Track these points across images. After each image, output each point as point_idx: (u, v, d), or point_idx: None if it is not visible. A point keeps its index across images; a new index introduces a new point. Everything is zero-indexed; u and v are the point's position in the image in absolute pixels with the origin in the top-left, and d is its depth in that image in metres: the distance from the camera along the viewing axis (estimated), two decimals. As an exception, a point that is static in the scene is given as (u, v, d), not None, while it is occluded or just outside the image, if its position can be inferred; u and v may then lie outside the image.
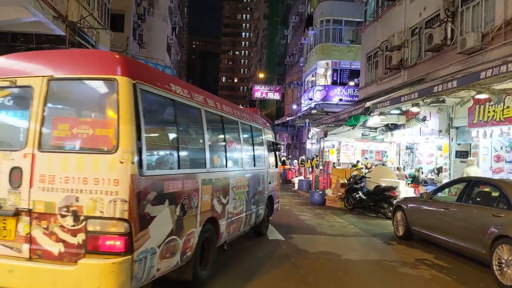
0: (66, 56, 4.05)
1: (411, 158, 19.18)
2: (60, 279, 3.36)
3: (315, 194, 13.11)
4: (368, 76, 19.47)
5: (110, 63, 3.69)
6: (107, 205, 3.38)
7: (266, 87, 35.61)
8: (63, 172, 3.49)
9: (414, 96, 10.84)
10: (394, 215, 8.72)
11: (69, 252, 3.42)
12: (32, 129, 3.63)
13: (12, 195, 3.59)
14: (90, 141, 3.55)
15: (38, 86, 3.69)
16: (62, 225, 3.45)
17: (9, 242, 3.56)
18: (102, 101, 3.78)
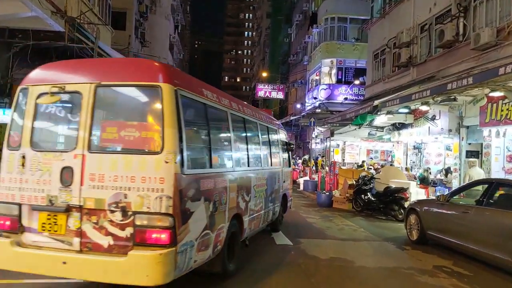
0: (112, 64, 4.45)
1: (419, 158, 18.75)
2: (111, 269, 3.67)
3: (322, 196, 12.69)
4: (374, 74, 19.03)
5: (154, 71, 4.00)
6: (154, 201, 3.69)
7: (270, 86, 35.19)
8: (112, 171, 3.80)
9: (426, 93, 10.41)
10: (407, 219, 8.29)
11: (118, 245, 3.72)
12: (82, 132, 3.93)
13: (64, 192, 3.89)
14: (137, 143, 3.86)
15: (86, 92, 4.00)
16: (111, 220, 3.75)
17: (60, 236, 3.87)
18: (147, 106, 4.10)
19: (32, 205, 4.00)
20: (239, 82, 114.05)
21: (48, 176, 3.97)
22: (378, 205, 11.05)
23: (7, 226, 4.07)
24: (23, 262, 3.93)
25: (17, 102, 4.33)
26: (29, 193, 4.01)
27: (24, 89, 4.29)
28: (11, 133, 4.27)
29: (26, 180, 4.04)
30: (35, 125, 4.20)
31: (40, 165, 4.02)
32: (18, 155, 4.11)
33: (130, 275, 3.62)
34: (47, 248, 3.91)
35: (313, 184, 16.41)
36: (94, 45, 11.36)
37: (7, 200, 4.08)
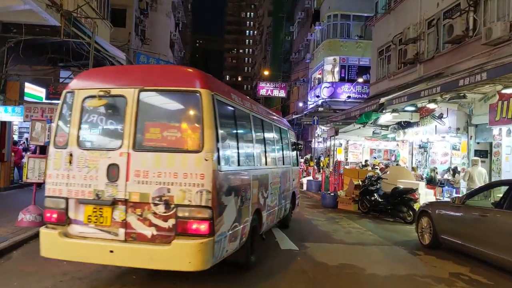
0: (153, 71, 4.93)
1: (425, 157, 18.31)
2: (156, 256, 4.05)
3: (326, 196, 12.27)
4: (379, 71, 18.59)
5: (193, 77, 4.41)
6: (195, 195, 4.05)
7: (271, 84, 34.74)
8: (155, 168, 4.14)
9: (436, 90, 9.98)
10: (418, 221, 7.87)
11: (161, 235, 4.08)
12: (127, 132, 4.28)
13: (110, 187, 4.22)
14: (179, 142, 4.23)
15: (131, 95, 4.34)
16: (155, 212, 4.10)
17: (106, 227, 4.21)
18: (187, 109, 4.44)
19: (79, 199, 4.34)
20: (241, 81, 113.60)
21: (95, 173, 4.31)
22: (386, 206, 10.63)
23: (54, 219, 4.41)
24: (72, 251, 4.31)
25: (62, 105, 4.66)
26: (76, 188, 4.36)
27: (70, 92, 4.63)
28: (57, 133, 4.62)
29: (73, 176, 4.38)
30: (81, 126, 4.52)
31: (87, 162, 4.36)
32: (65, 154, 4.44)
33: (174, 261, 4.04)
34: (93, 238, 4.26)
35: (317, 184, 15.99)
36: (91, 40, 10.94)
37: (55, 194, 4.43)
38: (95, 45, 11.09)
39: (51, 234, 4.35)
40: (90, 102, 4.46)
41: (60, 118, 4.64)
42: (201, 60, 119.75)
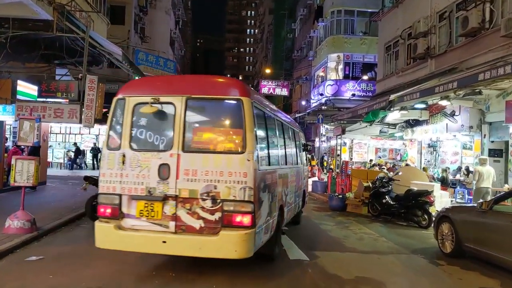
0: (199, 81, 5.35)
1: (434, 157, 17.68)
2: (205, 246, 4.53)
3: (334, 199, 11.64)
4: (386, 68, 17.94)
5: (235, 86, 4.98)
6: (239, 191, 4.56)
7: (274, 82, 34.09)
8: (203, 167, 4.64)
9: (453, 86, 9.36)
10: (438, 227, 7.24)
11: (208, 227, 4.56)
12: (177, 135, 4.77)
13: (161, 184, 4.69)
14: (223, 144, 4.84)
15: (179, 103, 4.83)
16: (202, 206, 4.58)
17: (157, 221, 4.68)
18: (231, 115, 4.97)
19: (132, 195, 4.80)
20: (242, 80, 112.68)
21: (147, 172, 4.78)
22: (399, 210, 9.99)
23: (108, 213, 4.87)
24: (127, 242, 4.80)
25: (114, 110, 5.12)
26: (129, 186, 4.82)
27: (121, 99, 5.09)
28: (110, 136, 5.09)
29: (127, 175, 4.84)
30: (133, 130, 4.99)
31: (139, 162, 4.82)
32: (119, 155, 4.89)
33: (221, 250, 4.54)
34: (145, 230, 4.74)
35: (322, 185, 15.36)
36: (85, 35, 10.33)
37: (109, 191, 4.89)
38: (90, 40, 10.49)
39: (107, 227, 4.83)
40: (141, 108, 4.96)
41: (112, 123, 5.14)
42: (202, 59, 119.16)
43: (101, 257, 5.97)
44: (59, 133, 24.61)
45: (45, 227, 7.56)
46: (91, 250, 6.47)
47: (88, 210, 8.54)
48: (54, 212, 9.04)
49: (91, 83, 9.86)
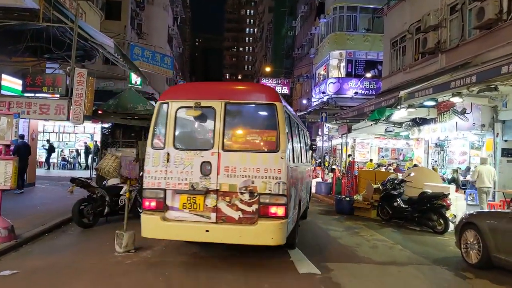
0: (236, 87, 6.02)
1: (442, 156, 16.99)
2: (244, 234, 5.21)
3: (342, 202, 10.89)
4: (392, 64, 17.23)
5: (270, 93, 5.73)
6: (274, 185, 5.22)
7: (274, 80, 33.38)
8: (241, 164, 5.30)
9: (471, 80, 8.65)
10: (461, 235, 6.52)
11: (246, 217, 5.23)
12: (217, 136, 5.39)
13: (203, 180, 5.32)
14: (259, 144, 5.54)
15: (218, 107, 5.45)
16: (241, 199, 5.26)
17: (199, 212, 5.31)
18: (265, 118, 5.66)
19: (176, 190, 5.33)
20: (241, 79, 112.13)
21: (190, 168, 5.32)
22: (412, 213, 9.27)
23: (153, 206, 5.38)
24: (172, 232, 5.36)
25: (158, 113, 5.65)
26: (173, 181, 5.35)
27: (164, 103, 5.63)
28: (154, 136, 5.58)
29: (171, 172, 5.37)
30: (176, 131, 5.52)
31: (183, 160, 5.36)
32: (163, 153, 5.42)
33: (259, 238, 5.12)
34: (188, 221, 5.28)
35: (327, 186, 14.64)
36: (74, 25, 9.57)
37: (154, 186, 5.40)
38: (79, 31, 9.73)
39: (153, 219, 5.35)
40: (189, 112, 5.50)
41: (156, 124, 5.66)
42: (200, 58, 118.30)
43: (86, 270, 5.25)
44: (52, 132, 23.87)
45: (26, 234, 6.81)
46: (74, 261, 5.76)
47: (75, 215, 7.81)
48: (38, 216, 8.29)
49: (80, 76, 9.12)
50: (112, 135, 10.57)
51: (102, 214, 8.36)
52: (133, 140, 10.40)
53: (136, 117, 10.35)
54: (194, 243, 6.66)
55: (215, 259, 6.05)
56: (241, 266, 5.65)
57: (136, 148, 10.28)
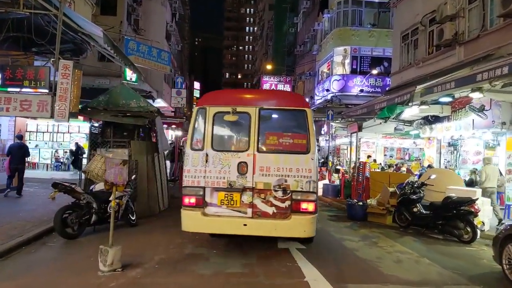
0: (269, 94, 7.82)
1: (455, 157, 16.06)
2: (279, 227, 5.82)
3: (355, 207, 9.94)
4: (403, 59, 16.29)
5: (300, 100, 6.67)
6: (305, 184, 5.84)
7: (276, 78, 32.40)
8: (275, 165, 5.93)
9: (502, 72, 7.72)
10: (502, 249, 5.60)
11: (280, 212, 5.84)
12: (252, 139, 6.03)
13: (240, 179, 5.94)
14: (291, 146, 6.04)
15: (253, 113, 6.10)
16: (275, 196, 5.86)
17: (236, 208, 5.92)
18: (296, 122, 6.18)
19: (215, 188, 5.99)
20: (240, 78, 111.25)
21: (227, 168, 5.99)
22: (435, 220, 8.34)
23: (193, 203, 6.02)
24: (212, 226, 6.03)
25: (196, 117, 6.29)
26: (212, 180, 6.00)
27: (202, 108, 6.29)
28: (194, 139, 6.21)
29: (210, 171, 6.02)
30: (213, 134, 6.18)
31: (220, 161, 6.02)
32: (202, 154, 6.07)
33: (293, 231, 5.90)
34: (226, 216, 5.93)
35: (334, 189, 13.71)
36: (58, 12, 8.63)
37: (193, 185, 6.04)
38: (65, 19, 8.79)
39: (194, 214, 5.90)
40: (228, 117, 6.07)
41: (194, 128, 6.19)
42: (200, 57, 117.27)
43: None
44: (46, 132, 22.94)
45: None
46: (49, 282, 4.85)
47: (57, 224, 6.89)
48: (17, 225, 7.38)
49: (65, 69, 8.17)
50: (102, 134, 9.64)
51: (88, 223, 7.44)
52: (126, 140, 9.48)
53: (129, 114, 9.43)
54: (193, 258, 6.10)
55: (218, 278, 5.13)
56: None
57: (129, 148, 9.37)
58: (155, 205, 9.88)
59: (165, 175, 11.48)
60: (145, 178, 9.49)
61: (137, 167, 9.25)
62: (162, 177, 10.73)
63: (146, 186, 9.51)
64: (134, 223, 8.34)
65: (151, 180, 9.87)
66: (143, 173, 9.40)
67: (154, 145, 10.26)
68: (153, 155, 10.08)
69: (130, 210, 8.30)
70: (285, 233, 5.95)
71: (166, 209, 10.58)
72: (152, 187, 9.86)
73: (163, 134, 11.43)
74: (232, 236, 6.45)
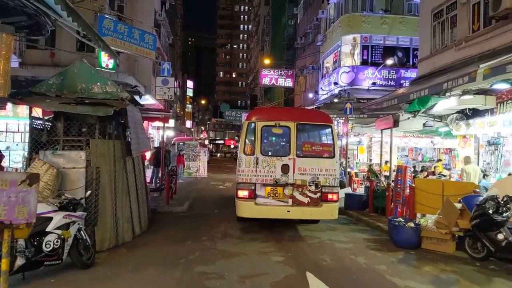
0: (303, 112, 11.56)
1: (496, 158, 13.47)
2: (314, 212, 7.99)
3: (405, 230, 7.17)
4: (436, 41, 13.62)
5: (326, 117, 8.71)
6: (331, 180, 7.99)
7: (276, 72, 29.59)
8: (310, 166, 8.00)
9: None
10: None
11: (312, 201, 7.94)
12: (292, 146, 8.06)
13: (283, 177, 7.93)
14: (321, 152, 8.20)
15: (292, 126, 8.11)
16: (309, 189, 7.93)
17: (279, 198, 7.93)
18: (324, 134, 8.54)
19: (264, 183, 7.97)
20: (235, 77, 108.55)
21: (273, 169, 7.98)
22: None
23: (246, 195, 7.96)
24: (262, 212, 7.99)
25: (247, 129, 8.25)
26: (261, 178, 7.97)
27: (252, 122, 8.24)
28: (246, 145, 8.17)
29: (260, 171, 7.98)
30: (262, 142, 8.20)
31: (268, 163, 8.00)
32: (253, 158, 8.02)
33: (324, 215, 8.10)
34: (272, 205, 7.94)
35: (359, 200, 10.95)
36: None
37: (247, 181, 7.99)
38: None
39: (248, 203, 7.95)
40: (275, 130, 8.26)
41: (246, 137, 8.24)
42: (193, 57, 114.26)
43: None
44: (17, 132, 20.01)
45: None
46: None
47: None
48: None
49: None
50: (51, 131, 6.81)
51: (11, 269, 4.64)
52: (83, 139, 6.66)
53: (88, 101, 6.61)
54: None
55: None
56: None
57: (86, 150, 6.56)
58: (126, 229, 7.09)
59: (144, 185, 8.67)
60: (111, 192, 6.68)
61: (98, 178, 6.44)
62: (138, 189, 7.93)
63: (113, 204, 6.70)
64: (89, 262, 5.55)
65: (122, 194, 7.07)
66: (107, 186, 6.60)
67: (127, 146, 7.46)
68: (124, 160, 7.28)
69: (83, 244, 5.50)
70: (318, 216, 8.24)
71: (145, 233, 7.81)
72: (122, 205, 7.06)
73: (141, 130, 8.63)
74: (276, 220, 8.50)
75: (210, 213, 10.44)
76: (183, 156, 18.44)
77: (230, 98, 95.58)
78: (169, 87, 14.68)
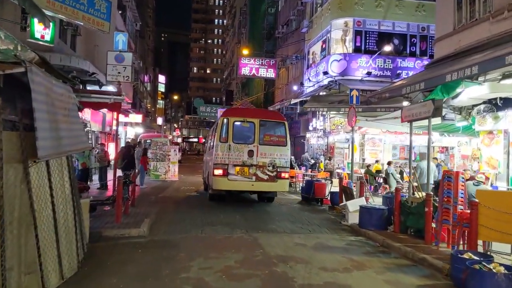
0: (265, 112, 16.81)
1: (526, 158, 11.13)
2: (272, 186, 11.33)
3: (493, 281, 4.43)
4: (462, 14, 11.13)
5: (281, 116, 12.83)
6: (284, 162, 11.31)
7: (257, 61, 26.73)
8: (268, 152, 11.16)
9: None
10: None
11: (271, 178, 11.07)
12: (256, 137, 11.18)
13: (249, 160, 10.96)
14: (277, 142, 11.47)
15: (256, 122, 11.29)
16: (268, 169, 11.04)
17: (246, 175, 10.93)
18: (280, 129, 11.76)
19: (234, 164, 10.82)
20: (209, 73, 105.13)
21: (242, 153, 10.90)
22: None
23: (221, 173, 10.76)
24: (232, 185, 10.92)
25: (222, 123, 11.28)
26: (232, 159, 10.82)
27: (226, 118, 11.33)
28: (221, 135, 11.08)
29: (231, 155, 10.85)
30: (233, 133, 11.09)
31: (237, 149, 10.89)
32: (226, 145, 10.90)
33: (279, 188, 11.59)
34: (240, 180, 10.86)
35: (382, 216, 8.21)
36: None
37: (222, 162, 10.80)
38: None
39: (223, 179, 10.78)
40: (243, 124, 11.33)
41: (221, 129, 11.15)
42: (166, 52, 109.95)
43: None
44: None
45: None
46: None
47: None
48: None
49: None
50: None
51: None
52: None
53: None
54: None
55: None
56: None
57: None
58: (32, 278, 4.06)
59: (74, 201, 5.58)
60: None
61: None
62: (58, 211, 4.88)
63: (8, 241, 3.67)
64: None
65: (18, 225, 4.03)
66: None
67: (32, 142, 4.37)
68: (25, 166, 4.23)
69: None
70: (274, 189, 11.59)
71: (67, 283, 4.76)
72: (20, 243, 4.03)
73: (70, 118, 5.52)
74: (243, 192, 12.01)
75: (178, 239, 7.34)
76: (147, 157, 15.28)
77: (204, 94, 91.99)
78: (125, 65, 11.50)
